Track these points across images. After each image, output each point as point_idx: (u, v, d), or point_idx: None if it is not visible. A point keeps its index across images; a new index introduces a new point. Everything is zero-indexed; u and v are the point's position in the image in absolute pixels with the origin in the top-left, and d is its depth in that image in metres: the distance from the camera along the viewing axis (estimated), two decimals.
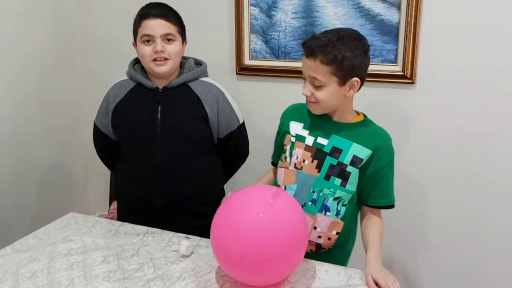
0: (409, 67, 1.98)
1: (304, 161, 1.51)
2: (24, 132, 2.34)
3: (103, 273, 1.42)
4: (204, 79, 1.80)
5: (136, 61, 1.79)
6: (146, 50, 1.67)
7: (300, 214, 1.33)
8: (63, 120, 2.57)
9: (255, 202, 1.29)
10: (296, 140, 1.54)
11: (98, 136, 1.89)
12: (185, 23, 1.75)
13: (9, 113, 2.26)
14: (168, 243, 1.59)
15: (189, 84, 1.76)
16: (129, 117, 1.75)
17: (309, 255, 1.51)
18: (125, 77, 1.80)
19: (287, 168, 1.55)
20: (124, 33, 1.63)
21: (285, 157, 1.56)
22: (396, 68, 2.01)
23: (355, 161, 1.47)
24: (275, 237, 1.23)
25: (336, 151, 1.48)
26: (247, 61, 2.24)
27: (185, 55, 1.79)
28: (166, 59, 1.68)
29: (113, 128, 1.81)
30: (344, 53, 1.36)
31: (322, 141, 1.50)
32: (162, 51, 1.65)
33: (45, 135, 2.46)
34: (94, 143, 1.93)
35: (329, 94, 1.42)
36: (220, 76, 2.00)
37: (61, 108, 2.54)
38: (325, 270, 1.42)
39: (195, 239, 1.60)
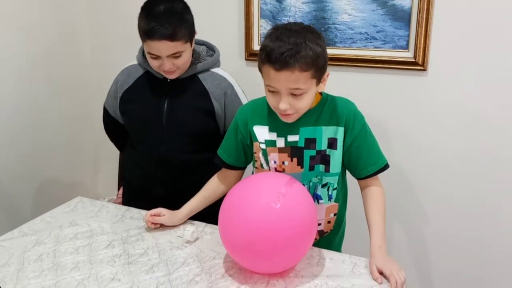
0: (421, 53, 1.94)
1: (283, 162, 1.46)
2: (33, 116, 2.35)
3: (108, 257, 1.43)
4: (215, 70, 1.76)
5: None
6: (154, 63, 1.63)
7: (310, 205, 1.32)
8: (73, 104, 2.57)
9: (268, 191, 1.28)
10: (266, 146, 1.47)
11: (108, 119, 1.90)
12: (193, 7, 1.68)
13: (18, 97, 2.27)
14: (174, 228, 1.58)
15: (199, 75, 1.72)
16: (136, 106, 1.74)
17: (314, 244, 1.50)
18: (135, 61, 1.78)
19: None
20: (135, 14, 1.59)
21: (261, 165, 1.51)
22: (407, 55, 1.97)
23: (331, 143, 1.43)
24: (285, 226, 1.22)
25: (310, 142, 1.43)
26: (256, 47, 2.21)
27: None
28: (175, 70, 1.64)
29: (121, 114, 1.80)
30: (316, 51, 1.28)
31: (292, 138, 1.43)
32: (170, 68, 1.62)
33: (54, 119, 2.47)
34: (104, 125, 1.94)
35: (309, 99, 1.35)
36: (228, 61, 1.97)
37: (70, 91, 2.54)
38: (330, 258, 1.41)
39: (200, 224, 1.59)
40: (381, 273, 1.30)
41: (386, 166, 1.48)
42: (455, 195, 2.04)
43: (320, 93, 1.46)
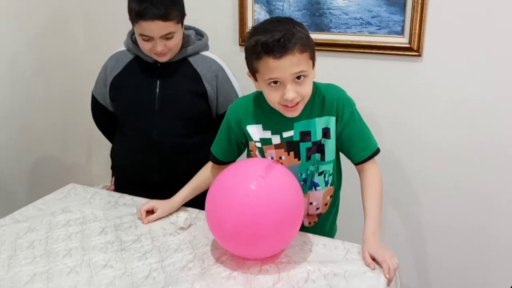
0: (416, 39, 1.92)
1: (280, 157, 1.46)
2: (25, 101, 2.32)
3: (101, 244, 1.42)
4: (205, 53, 1.76)
5: (134, 32, 1.75)
6: (146, 46, 1.62)
7: (294, 186, 1.31)
8: (66, 88, 2.54)
9: (248, 175, 1.28)
10: (262, 144, 1.46)
11: (96, 107, 1.88)
12: None
13: (11, 82, 2.24)
14: (167, 216, 1.58)
15: (189, 59, 1.72)
16: (127, 91, 1.73)
17: (311, 229, 1.51)
18: (123, 47, 1.77)
19: None
20: None
21: None
22: (402, 40, 1.95)
23: (325, 133, 1.43)
24: (268, 210, 1.22)
25: (305, 135, 1.42)
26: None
27: (185, 23, 1.74)
28: (167, 52, 1.64)
29: (111, 101, 1.79)
30: (305, 34, 1.29)
31: (288, 134, 1.42)
32: (162, 50, 1.61)
33: (46, 103, 2.44)
34: (92, 114, 1.92)
35: (311, 84, 1.34)
36: (222, 48, 1.96)
37: (63, 75, 2.52)
38: (323, 244, 1.41)
39: (194, 211, 1.59)
40: (373, 259, 1.31)
41: (377, 151, 1.47)
42: (449, 183, 2.04)
43: None
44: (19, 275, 1.27)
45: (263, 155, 1.47)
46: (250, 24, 2.18)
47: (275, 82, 1.30)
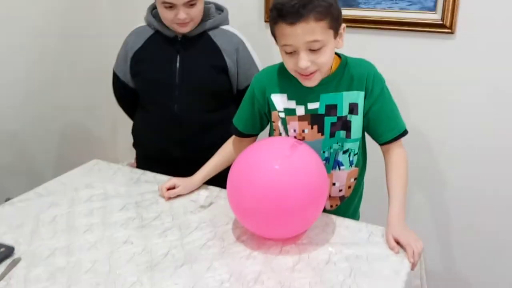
0: (449, 15, 1.83)
1: (303, 130, 1.41)
2: (51, 78, 2.34)
3: (122, 220, 1.42)
4: (225, 27, 1.74)
5: (154, 6, 1.73)
6: (168, 15, 1.61)
7: (319, 167, 1.27)
8: (91, 66, 2.55)
9: (272, 154, 1.25)
10: (286, 114, 1.41)
11: (118, 84, 1.87)
12: None
13: (36, 59, 2.26)
14: (188, 193, 1.57)
15: (209, 33, 1.70)
16: (147, 66, 1.72)
17: (332, 213, 1.47)
18: (143, 23, 1.76)
19: None
20: None
21: (279, 134, 1.45)
22: (435, 17, 1.87)
23: (352, 108, 1.38)
24: (291, 189, 1.19)
25: (331, 109, 1.37)
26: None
27: None
28: (189, 21, 1.62)
29: (131, 76, 1.78)
30: (328, 1, 1.23)
31: (313, 106, 1.37)
32: (185, 18, 1.59)
33: (72, 80, 2.46)
34: (114, 91, 1.92)
35: (330, 53, 1.28)
36: (246, 24, 1.92)
37: (88, 52, 2.52)
38: (345, 226, 1.38)
39: (215, 189, 1.57)
40: (397, 242, 1.27)
41: (405, 132, 1.43)
42: (479, 163, 1.97)
43: (339, 56, 1.40)
44: (40, 249, 1.28)
45: (285, 127, 1.43)
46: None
47: (290, 49, 1.26)
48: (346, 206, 1.54)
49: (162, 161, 1.74)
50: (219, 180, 1.55)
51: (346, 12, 1.90)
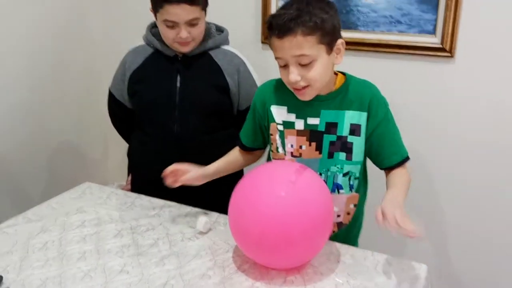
0: (449, 39, 1.83)
1: (301, 147, 1.38)
2: (39, 99, 2.28)
3: (116, 247, 1.36)
4: (226, 47, 1.72)
5: (154, 25, 1.70)
6: (170, 34, 1.58)
7: (325, 193, 1.23)
8: (81, 86, 2.50)
9: (277, 180, 1.20)
10: (284, 127, 1.39)
11: (113, 105, 1.82)
12: None
13: (24, 79, 2.20)
14: (186, 218, 1.51)
15: (210, 52, 1.68)
16: (146, 86, 1.68)
17: (331, 238, 1.41)
18: (142, 42, 1.72)
19: (283, 159, 1.42)
20: None
21: (276, 148, 1.42)
22: (434, 40, 1.86)
23: (354, 130, 1.35)
24: (297, 217, 1.14)
25: (331, 127, 1.35)
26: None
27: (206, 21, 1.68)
28: (190, 41, 1.60)
29: (129, 97, 1.74)
30: (321, 16, 1.21)
31: (313, 121, 1.35)
32: (187, 37, 1.57)
33: (62, 101, 2.40)
34: (109, 111, 1.87)
35: (322, 69, 1.25)
36: (243, 45, 1.89)
37: (78, 73, 2.47)
38: (350, 255, 1.33)
39: (213, 215, 1.52)
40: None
41: (407, 158, 1.40)
42: (483, 187, 1.94)
43: (344, 75, 1.39)
44: (30, 279, 1.21)
45: (283, 141, 1.39)
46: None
47: (282, 62, 1.26)
48: (344, 234, 1.48)
49: (159, 184, 1.68)
50: (218, 204, 1.50)
51: (344, 35, 1.82)
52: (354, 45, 1.96)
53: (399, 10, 1.89)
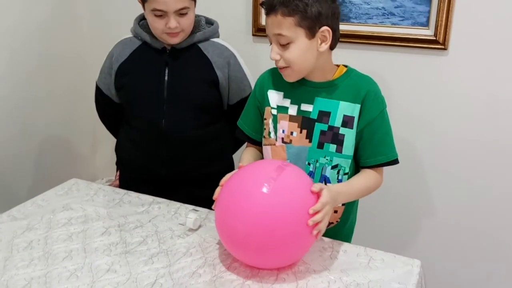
0: (442, 31, 1.80)
1: (292, 133, 1.37)
2: (25, 93, 2.22)
3: (104, 245, 1.32)
4: (215, 40, 1.68)
5: (142, 17, 1.66)
6: (158, 24, 1.53)
7: (308, 189, 1.18)
8: (69, 80, 2.44)
9: (259, 177, 1.16)
10: (278, 112, 1.39)
11: (100, 99, 1.77)
12: None
13: (9, 73, 2.14)
14: (175, 214, 1.48)
15: (199, 45, 1.63)
16: (134, 79, 1.63)
17: None
18: (130, 35, 1.67)
19: (274, 145, 1.40)
20: None
21: (268, 133, 1.41)
22: (427, 32, 1.83)
23: (346, 121, 1.33)
24: (280, 214, 1.10)
25: (324, 115, 1.34)
26: (265, 22, 2.07)
27: (196, 13, 1.64)
28: (179, 31, 1.55)
29: (116, 90, 1.69)
30: (306, 1, 1.22)
31: (306, 107, 1.36)
32: (176, 27, 1.52)
33: (49, 96, 2.34)
34: (96, 106, 1.82)
35: (299, 52, 1.26)
36: (234, 38, 1.86)
37: (66, 67, 2.41)
38: (343, 251, 1.30)
39: (203, 211, 1.48)
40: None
41: (395, 161, 1.37)
42: (474, 181, 1.93)
43: (346, 66, 1.38)
44: (14, 279, 1.17)
45: (275, 126, 1.39)
46: (264, 13, 2.06)
47: (269, 39, 1.32)
48: (332, 235, 1.40)
49: (147, 180, 1.65)
50: (208, 201, 1.47)
51: None
52: (346, 38, 1.92)
53: (392, 2, 1.86)
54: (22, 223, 1.42)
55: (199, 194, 1.56)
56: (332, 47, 1.32)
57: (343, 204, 1.42)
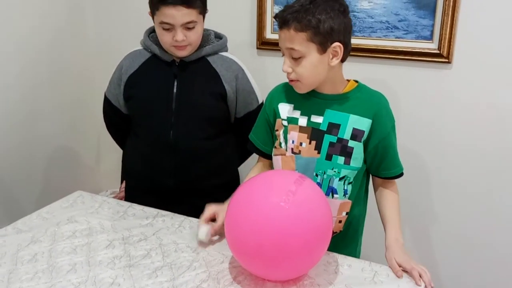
0: (446, 44, 1.81)
1: (301, 144, 1.38)
2: (32, 105, 2.24)
3: (108, 258, 1.32)
4: (224, 54, 1.69)
5: (152, 30, 1.68)
6: (166, 37, 1.56)
7: (324, 204, 1.19)
8: (74, 92, 2.46)
9: (276, 189, 1.16)
10: (288, 123, 1.40)
11: (109, 110, 1.79)
12: None
13: (17, 85, 2.16)
14: (179, 227, 1.48)
15: (208, 58, 1.65)
16: (143, 90, 1.65)
17: None
18: (140, 47, 1.69)
19: (284, 155, 1.42)
20: (141, 2, 1.51)
21: (279, 143, 1.43)
22: (431, 46, 1.84)
23: (356, 135, 1.35)
24: (297, 228, 1.11)
25: (333, 127, 1.35)
26: (269, 35, 2.09)
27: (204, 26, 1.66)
28: (187, 45, 1.57)
29: (125, 101, 1.71)
30: (319, 16, 1.24)
31: (316, 119, 1.37)
32: (183, 40, 1.54)
33: (55, 107, 2.36)
34: (104, 117, 1.84)
35: (310, 66, 1.28)
36: (239, 51, 1.87)
37: (72, 79, 2.43)
38: (348, 265, 1.30)
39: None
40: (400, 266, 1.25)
41: (402, 174, 1.43)
42: (481, 192, 1.92)
43: (356, 81, 1.41)
44: None
45: (285, 136, 1.40)
46: (269, 27, 2.08)
47: (282, 51, 1.33)
48: (333, 245, 1.34)
49: (153, 190, 1.65)
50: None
51: None
52: (350, 51, 1.93)
53: (396, 16, 1.87)
54: (27, 236, 1.43)
55: (204, 205, 1.56)
56: (343, 60, 1.35)
57: (346, 213, 1.43)
